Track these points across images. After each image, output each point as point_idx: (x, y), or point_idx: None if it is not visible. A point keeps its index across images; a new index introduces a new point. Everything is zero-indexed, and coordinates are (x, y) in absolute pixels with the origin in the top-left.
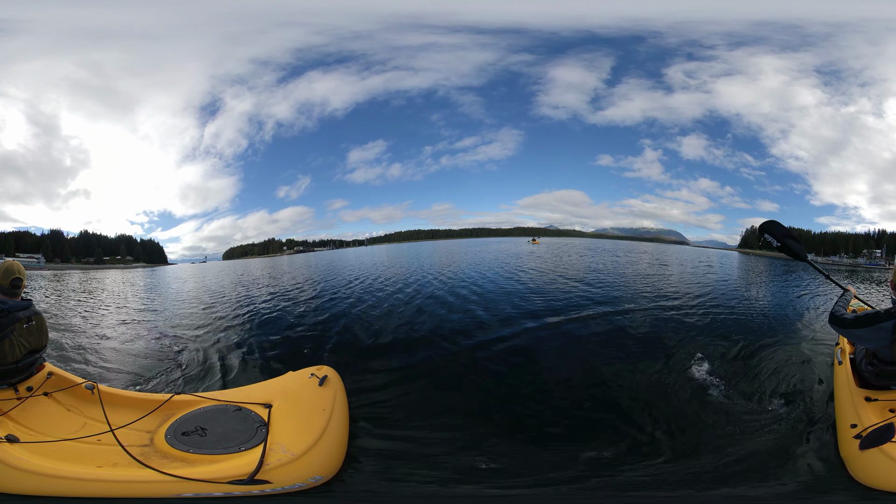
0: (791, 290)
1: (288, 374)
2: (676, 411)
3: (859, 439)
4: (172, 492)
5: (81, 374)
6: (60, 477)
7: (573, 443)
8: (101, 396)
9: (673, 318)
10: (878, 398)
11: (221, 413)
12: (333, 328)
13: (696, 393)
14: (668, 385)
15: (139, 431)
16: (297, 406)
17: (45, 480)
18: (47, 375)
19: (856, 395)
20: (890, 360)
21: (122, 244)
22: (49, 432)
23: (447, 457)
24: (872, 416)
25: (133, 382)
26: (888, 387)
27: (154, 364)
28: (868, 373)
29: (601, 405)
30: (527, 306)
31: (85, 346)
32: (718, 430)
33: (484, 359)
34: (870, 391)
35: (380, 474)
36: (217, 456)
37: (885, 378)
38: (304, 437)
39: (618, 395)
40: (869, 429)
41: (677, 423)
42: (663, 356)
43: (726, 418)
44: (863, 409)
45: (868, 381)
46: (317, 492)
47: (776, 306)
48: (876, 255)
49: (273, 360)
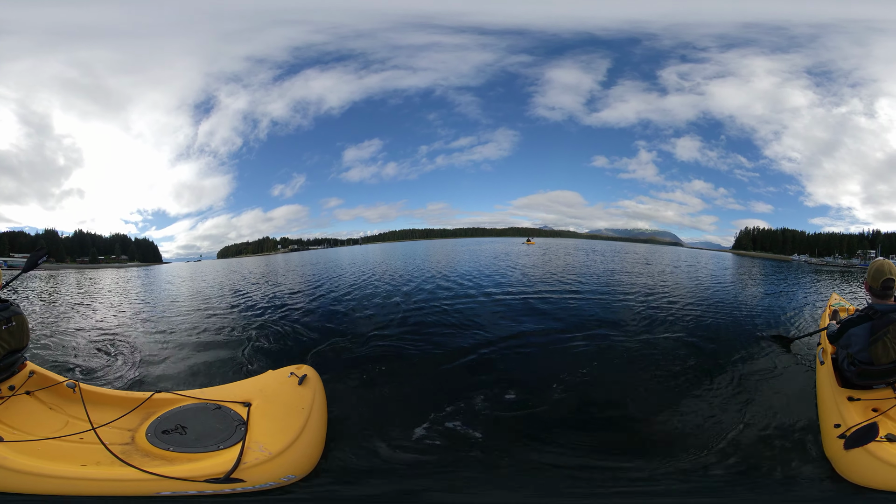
0: (776, 290)
1: (268, 373)
2: (654, 413)
3: (843, 439)
4: (152, 490)
5: (63, 372)
6: (46, 476)
7: (562, 448)
8: (82, 395)
9: (654, 317)
10: (861, 398)
11: (201, 411)
12: (316, 327)
13: (673, 394)
14: (645, 385)
15: (121, 430)
16: (276, 405)
17: (31, 479)
18: (29, 374)
19: (838, 395)
20: (869, 361)
21: (116, 243)
22: (32, 431)
23: (427, 457)
24: (855, 416)
25: (114, 380)
26: (870, 386)
27: (135, 362)
28: (850, 373)
29: (583, 408)
30: (517, 306)
31: (67, 343)
32: (699, 431)
33: (469, 361)
34: (852, 391)
35: (353, 473)
36: (196, 454)
37: (867, 378)
38: (282, 436)
39: (595, 397)
40: (852, 428)
41: (656, 426)
42: (640, 354)
43: (706, 419)
44: (846, 408)
45: (850, 380)
46: (286, 490)
47: (760, 306)
48: (870, 255)
49: (253, 358)
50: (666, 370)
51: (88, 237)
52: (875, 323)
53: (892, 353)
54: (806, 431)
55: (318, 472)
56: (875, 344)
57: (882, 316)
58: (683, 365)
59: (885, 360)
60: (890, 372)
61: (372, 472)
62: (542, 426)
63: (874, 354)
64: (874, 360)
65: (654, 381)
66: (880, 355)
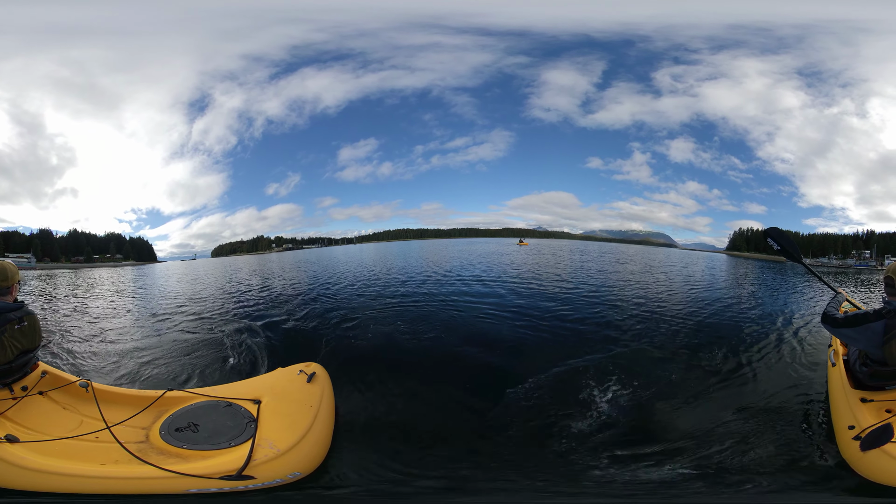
0: (781, 292)
1: (277, 371)
2: (667, 415)
3: (858, 440)
4: (172, 488)
5: (75, 372)
6: (67, 475)
7: (582, 449)
8: (95, 394)
9: (660, 321)
10: (874, 399)
11: (212, 409)
12: (323, 325)
13: (686, 397)
14: (655, 389)
15: (134, 428)
16: (285, 402)
17: (51, 479)
18: (41, 375)
19: (851, 397)
20: (882, 361)
21: (111, 242)
22: (46, 431)
23: (430, 458)
24: (869, 418)
25: (126, 379)
26: (883, 387)
27: (146, 360)
28: (862, 374)
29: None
30: (521, 305)
31: (77, 344)
32: (713, 432)
33: (477, 362)
34: (865, 392)
35: (358, 472)
36: (210, 451)
37: (880, 378)
38: (290, 433)
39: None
40: (867, 430)
41: (670, 429)
42: (646, 359)
43: (721, 420)
44: (859, 410)
45: (862, 382)
46: (292, 488)
47: (767, 308)
48: (865, 255)
49: (263, 356)
50: (669, 372)
51: (83, 236)
52: (889, 321)
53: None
54: (820, 433)
55: (323, 470)
56: (889, 343)
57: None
58: (687, 366)
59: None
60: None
61: (376, 471)
62: (549, 427)
63: (889, 353)
64: (888, 359)
65: (659, 384)
66: (895, 355)
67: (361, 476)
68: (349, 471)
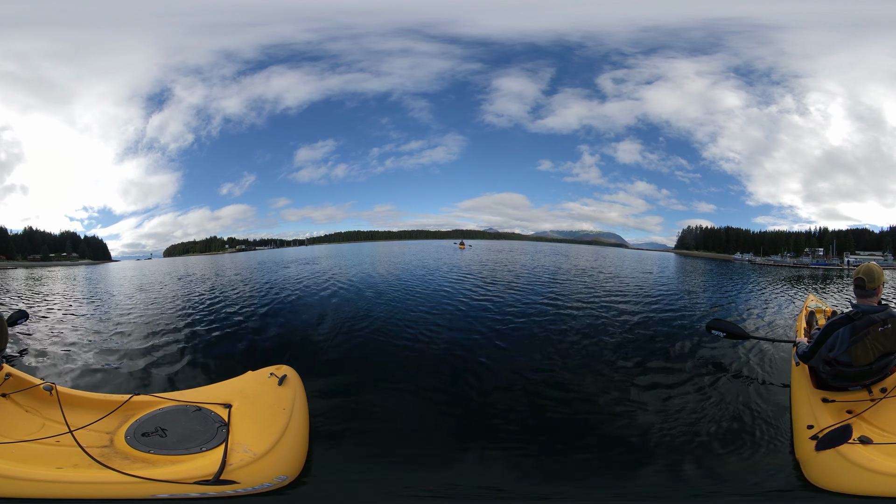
0: (742, 290)
1: (247, 374)
2: (616, 414)
3: (815, 440)
4: (138, 493)
5: (39, 375)
6: (19, 479)
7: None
8: (59, 397)
9: (610, 319)
10: (836, 399)
11: (181, 413)
12: (291, 327)
13: (642, 396)
14: (608, 389)
15: (99, 432)
16: (257, 406)
17: (4, 483)
18: (5, 377)
19: (813, 397)
20: (847, 363)
21: (67, 241)
22: (7, 434)
23: (410, 454)
24: (829, 418)
25: (92, 383)
26: (845, 388)
27: (112, 364)
28: (826, 374)
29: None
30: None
31: (41, 346)
32: (669, 432)
33: (445, 357)
34: (827, 392)
35: (342, 473)
36: (178, 456)
37: (843, 379)
38: (265, 436)
39: (565, 400)
40: (826, 430)
41: (619, 428)
42: (600, 357)
43: (678, 420)
44: (820, 410)
45: (825, 382)
46: (284, 491)
47: (730, 306)
48: (819, 253)
49: (232, 359)
50: (620, 369)
51: (38, 235)
52: (857, 324)
53: (872, 354)
54: (778, 432)
55: (308, 473)
56: (856, 345)
57: (863, 316)
58: (638, 362)
59: (864, 362)
60: (866, 374)
61: (356, 471)
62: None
63: (854, 355)
64: (853, 361)
65: (609, 382)
66: (860, 356)
67: (344, 477)
68: (332, 472)
